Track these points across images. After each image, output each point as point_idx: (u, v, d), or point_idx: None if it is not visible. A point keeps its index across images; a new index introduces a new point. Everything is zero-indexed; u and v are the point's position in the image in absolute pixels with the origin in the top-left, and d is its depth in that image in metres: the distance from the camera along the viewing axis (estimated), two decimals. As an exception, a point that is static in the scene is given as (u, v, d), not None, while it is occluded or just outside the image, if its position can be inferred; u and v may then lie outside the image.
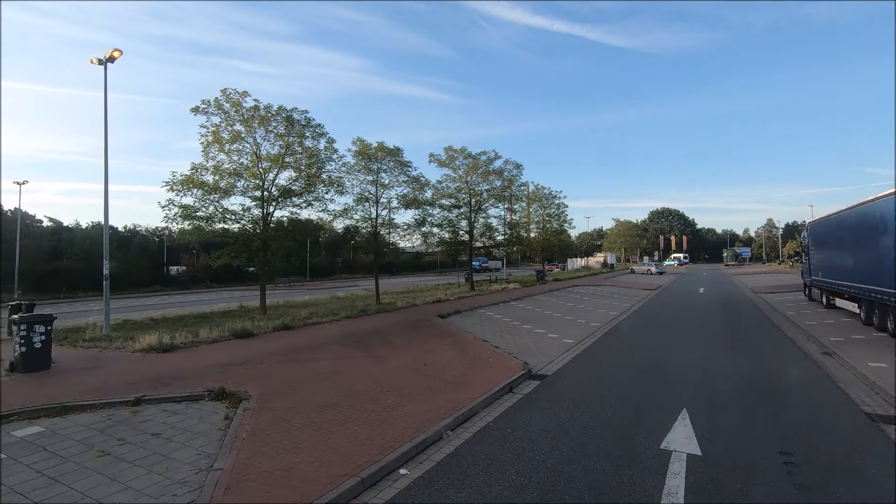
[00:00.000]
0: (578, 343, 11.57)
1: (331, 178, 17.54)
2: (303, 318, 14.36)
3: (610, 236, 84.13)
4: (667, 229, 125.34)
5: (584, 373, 8.68)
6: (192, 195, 15.21)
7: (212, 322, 15.22)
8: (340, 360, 9.14)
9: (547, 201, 41.14)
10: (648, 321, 15.77)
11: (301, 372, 8.25)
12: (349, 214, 19.56)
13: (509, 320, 15.39)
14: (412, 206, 22.27)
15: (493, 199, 27.46)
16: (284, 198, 16.91)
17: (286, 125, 16.77)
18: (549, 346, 11.23)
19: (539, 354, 10.24)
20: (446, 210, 27.17)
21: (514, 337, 12.38)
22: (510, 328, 13.80)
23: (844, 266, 15.31)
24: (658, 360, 9.58)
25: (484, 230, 27.57)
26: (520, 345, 11.30)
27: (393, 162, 20.19)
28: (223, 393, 6.84)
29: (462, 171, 26.76)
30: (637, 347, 11.07)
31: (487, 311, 17.59)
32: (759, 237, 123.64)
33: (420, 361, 9.15)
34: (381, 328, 13.12)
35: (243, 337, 11.46)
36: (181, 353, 9.86)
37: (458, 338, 11.79)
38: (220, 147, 15.56)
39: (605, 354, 10.29)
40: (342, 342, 11.01)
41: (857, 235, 13.94)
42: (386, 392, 7.06)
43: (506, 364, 8.99)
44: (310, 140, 17.64)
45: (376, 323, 14.15)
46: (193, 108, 15.74)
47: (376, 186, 19.83)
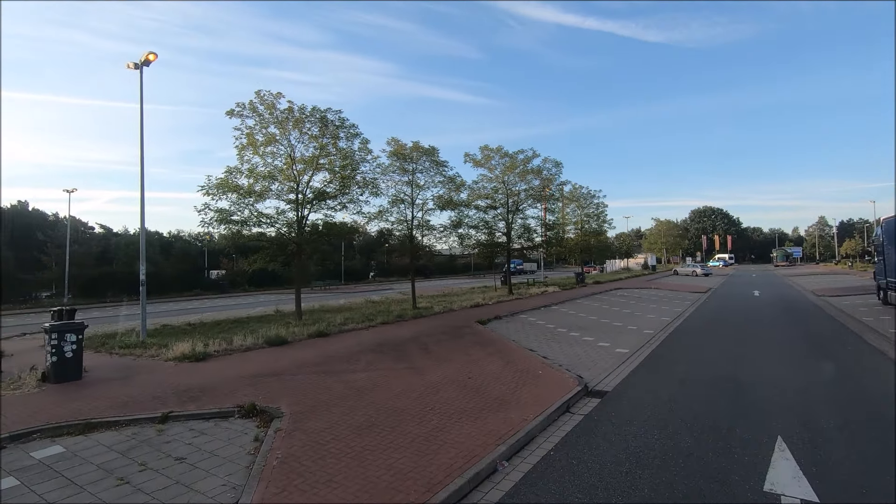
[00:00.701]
0: (634, 353, 10.58)
1: (365, 180, 17.10)
2: (338, 323, 13.89)
3: (650, 237, 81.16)
4: (709, 229, 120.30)
5: (649, 389, 7.73)
6: (227, 199, 15.06)
7: (247, 327, 14.99)
8: (378, 372, 8.52)
9: (585, 201, 39.78)
10: (707, 328, 14.52)
11: (337, 385, 7.66)
12: (384, 217, 19.10)
13: (553, 327, 14.46)
14: (448, 207, 21.61)
15: (530, 199, 26.49)
16: (319, 200, 16.56)
17: (320, 126, 16.43)
18: (602, 356, 10.29)
19: (592, 367, 9.34)
20: (482, 211, 26.43)
21: (561, 346, 11.49)
22: (556, 336, 12.89)
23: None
24: (731, 375, 8.51)
25: (522, 231, 26.63)
26: (569, 355, 10.41)
27: (429, 162, 19.61)
28: (254, 410, 6.31)
29: (499, 171, 25.95)
30: (702, 359, 9.97)
31: (529, 317, 16.69)
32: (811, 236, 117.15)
33: (464, 374, 8.42)
34: (419, 335, 12.47)
35: (277, 345, 11.03)
36: (213, 362, 9.48)
37: (502, 346, 10.99)
38: (254, 150, 15.34)
39: (668, 367, 9.28)
40: (379, 351, 10.40)
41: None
42: (429, 411, 6.36)
43: (558, 378, 8.14)
44: (344, 141, 17.27)
45: (414, 329, 13.52)
46: (228, 112, 15.59)
47: (412, 187, 19.29)
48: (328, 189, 16.55)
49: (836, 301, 22.02)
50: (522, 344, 11.54)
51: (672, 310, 19.17)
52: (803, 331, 13.73)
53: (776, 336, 12.79)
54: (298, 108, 15.96)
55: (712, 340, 12.23)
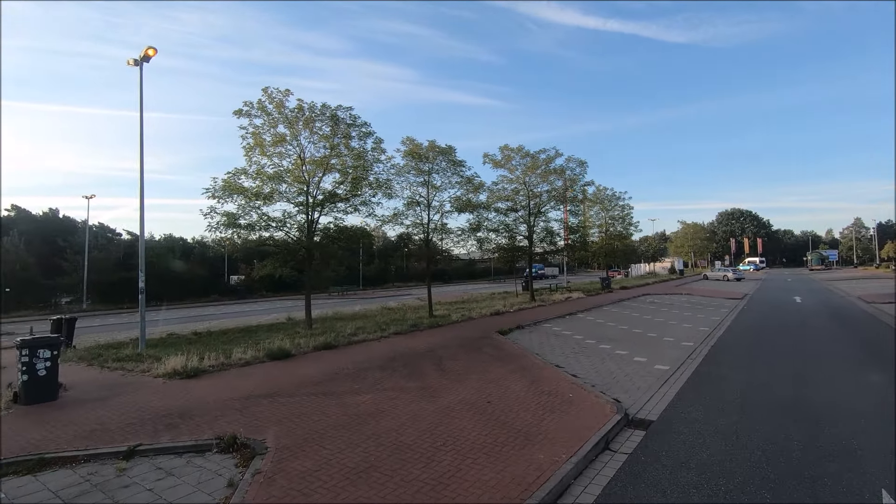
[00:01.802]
0: (676, 371, 9.34)
1: (378, 181, 16.19)
2: (348, 334, 12.96)
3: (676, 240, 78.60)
4: (738, 231, 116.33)
5: (702, 418, 6.53)
6: (233, 202, 14.34)
7: (255, 336, 14.23)
8: (385, 394, 7.51)
9: (610, 203, 38.27)
10: (753, 341, 13.11)
11: (336, 411, 6.68)
12: (399, 220, 18.16)
13: (581, 338, 13.26)
14: (467, 209, 20.51)
15: (553, 200, 25.24)
16: (330, 203, 15.73)
17: (331, 125, 15.63)
18: (639, 373, 9.08)
19: (630, 387, 8.16)
20: (503, 214, 25.29)
21: (591, 360, 10.30)
22: (584, 348, 11.70)
23: None
24: (798, 401, 7.23)
25: (545, 235, 25.38)
26: (602, 372, 9.24)
27: (445, 162, 18.61)
28: (234, 443, 5.37)
29: (519, 172, 24.79)
30: (758, 380, 8.67)
31: (553, 327, 15.49)
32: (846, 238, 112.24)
33: (482, 396, 7.35)
34: (434, 348, 11.44)
35: (279, 358, 10.14)
36: (206, 379, 8.62)
37: (525, 362, 9.87)
38: (261, 150, 14.59)
39: (719, 389, 8.03)
40: (389, 367, 9.40)
41: None
42: (441, 447, 5.32)
43: (591, 402, 7.01)
44: (356, 140, 16.43)
45: (429, 341, 12.49)
46: (236, 112, 14.89)
47: (427, 189, 18.31)
48: (338, 191, 15.70)
49: (889, 308, 20.17)
50: (548, 359, 10.39)
51: (709, 318, 17.71)
52: (864, 342, 12.22)
53: (836, 350, 11.35)
54: (308, 107, 15.18)
55: (763, 356, 10.87)
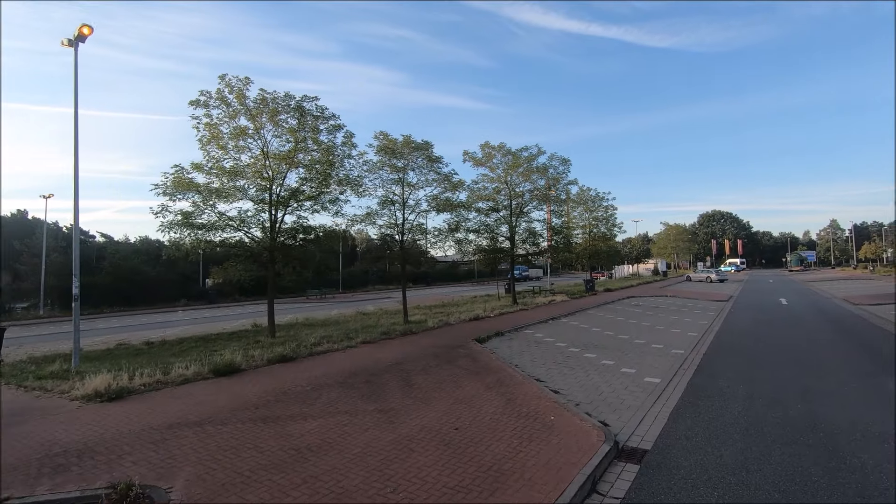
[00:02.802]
0: (668, 384, 8.43)
1: (348, 178, 15.05)
2: (310, 344, 11.81)
3: (659, 241, 78.66)
4: (719, 233, 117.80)
5: (703, 445, 5.59)
6: (188, 199, 13.10)
7: (212, 346, 13.04)
8: (337, 419, 6.43)
9: (593, 204, 37.72)
10: (746, 347, 12.33)
11: (273, 443, 5.58)
12: (372, 219, 17.04)
13: (564, 345, 12.33)
14: (446, 209, 19.46)
15: (536, 200, 24.38)
16: (296, 201, 14.56)
17: (298, 117, 14.48)
18: (628, 388, 8.15)
19: (618, 405, 7.22)
20: (484, 214, 24.35)
21: (575, 372, 9.35)
22: (568, 358, 10.76)
23: None
24: (809, 420, 6.34)
25: (527, 236, 24.50)
26: (586, 387, 8.28)
27: (422, 158, 17.57)
28: (128, 494, 4.24)
29: (501, 171, 23.89)
30: (760, 394, 7.79)
31: (535, 333, 14.55)
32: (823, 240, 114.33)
33: (450, 421, 6.32)
34: (404, 359, 10.37)
35: (226, 374, 8.96)
36: (132, 402, 7.42)
37: (503, 375, 8.87)
38: (218, 144, 13.36)
39: (718, 407, 7.12)
40: (349, 384, 8.31)
41: None
42: (390, 496, 4.27)
43: (576, 427, 6.03)
44: (325, 134, 15.32)
45: (399, 351, 11.42)
46: (192, 102, 13.65)
47: (402, 187, 17.24)
48: (305, 188, 14.53)
49: (876, 310, 19.74)
50: (527, 370, 9.42)
51: (697, 322, 16.97)
52: (863, 348, 11.50)
53: (836, 358, 10.59)
54: (272, 97, 14.01)
55: (760, 365, 10.04)
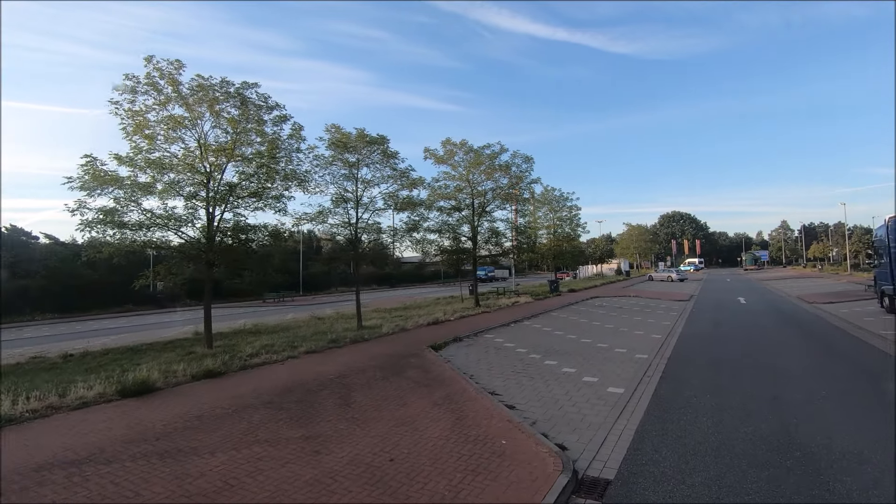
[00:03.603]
0: (632, 395, 7.79)
1: (294, 173, 13.90)
2: (246, 355, 10.67)
3: (622, 241, 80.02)
4: (678, 234, 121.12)
5: (672, 469, 4.89)
6: (109, 195, 11.69)
7: (138, 359, 11.66)
8: (252, 451, 5.43)
9: (558, 204, 37.52)
10: (710, 351, 11.93)
11: (163, 488, 4.54)
12: (323, 218, 15.91)
13: (525, 351, 11.62)
14: (406, 207, 18.53)
15: (499, 199, 23.74)
16: (237, 197, 13.34)
17: (239, 106, 13.27)
18: (590, 400, 7.46)
19: (579, 422, 6.49)
20: (446, 213, 23.55)
21: (534, 383, 8.62)
22: (527, 366, 10.03)
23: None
24: (783, 435, 5.76)
25: (489, 236, 23.83)
26: (545, 400, 7.54)
27: (378, 154, 16.58)
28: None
29: (463, 168, 23.13)
30: (730, 405, 7.22)
31: (496, 337, 13.81)
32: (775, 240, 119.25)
33: (386, 449, 5.43)
34: (349, 371, 9.39)
35: (137, 394, 7.77)
36: (5, 434, 6.17)
37: (454, 389, 8.03)
38: (143, 134, 11.98)
39: (686, 419, 6.49)
40: (277, 405, 7.29)
41: None
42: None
43: (530, 454, 5.25)
44: (270, 126, 14.16)
45: (345, 361, 10.42)
46: (117, 87, 12.23)
47: (356, 183, 16.20)
48: (248, 183, 13.30)
49: (832, 309, 20.02)
50: (483, 382, 8.62)
51: (660, 323, 16.64)
52: (828, 352, 11.27)
53: (803, 363, 10.25)
54: (208, 84, 12.74)
55: (725, 370, 9.57)
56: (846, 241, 66.29)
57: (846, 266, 60.54)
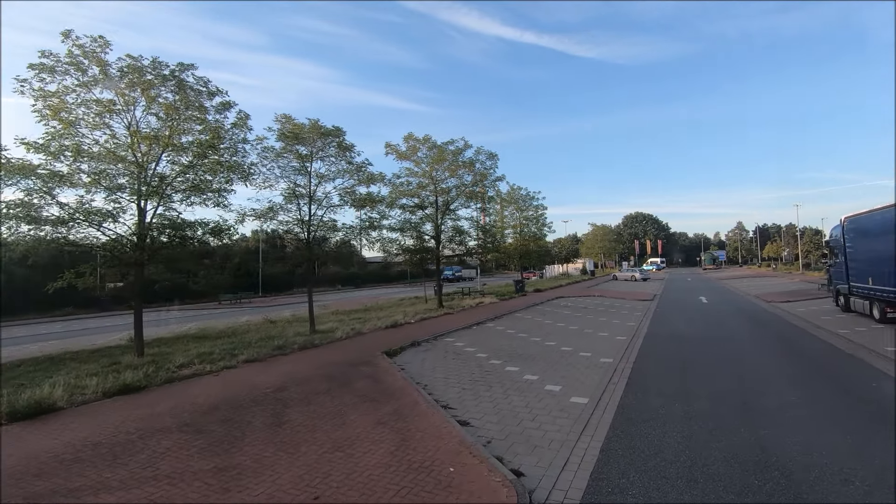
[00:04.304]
0: (597, 404, 7.20)
1: (237, 164, 12.76)
2: (176, 366, 9.56)
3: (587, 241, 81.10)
4: (641, 234, 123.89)
5: (642, 498, 4.27)
6: (21, 186, 10.33)
7: (56, 370, 10.32)
8: (146, 490, 4.49)
9: (524, 203, 37.23)
10: (676, 353, 11.57)
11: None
12: (272, 214, 14.78)
13: (485, 356, 10.94)
14: (366, 204, 17.51)
15: (463, 196, 23.06)
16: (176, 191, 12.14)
17: (177, 91, 12.08)
18: (552, 413, 6.81)
19: (539, 439, 5.82)
20: (409, 211, 22.71)
21: (492, 393, 7.92)
22: (487, 373, 9.34)
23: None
24: (758, 450, 5.24)
25: (453, 234, 23.13)
26: (503, 413, 6.85)
27: (333, 147, 15.58)
28: None
29: (426, 165, 22.33)
30: (697, 412, 6.71)
31: (456, 341, 13.09)
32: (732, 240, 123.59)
33: (313, 483, 4.59)
34: (290, 383, 8.46)
35: (28, 417, 6.64)
36: None
37: (404, 403, 7.24)
38: (59, 119, 10.65)
39: (656, 434, 5.90)
40: (196, 427, 6.32)
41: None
42: None
43: (481, 483, 4.52)
44: (213, 114, 13.02)
45: (288, 371, 9.47)
46: (32, 65, 10.84)
47: (309, 177, 15.16)
48: (184, 177, 12.11)
49: (789, 308, 20.31)
50: (437, 393, 7.87)
51: (625, 324, 16.32)
52: (792, 353, 11.06)
53: (769, 366, 9.95)
54: (139, 65, 11.50)
55: (691, 374, 9.14)
56: (798, 242, 69.08)
57: (798, 265, 63.00)
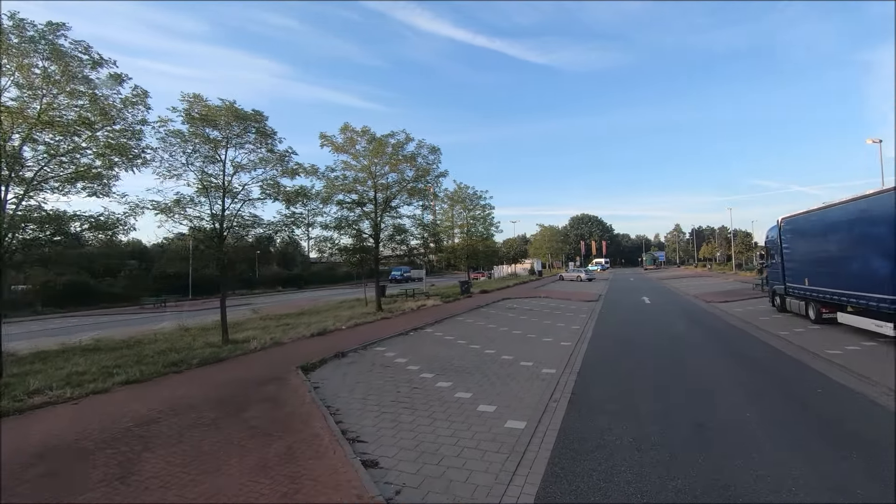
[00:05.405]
0: (536, 428, 6.14)
1: (121, 146, 10.79)
2: (26, 391, 7.68)
3: (535, 242, 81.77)
4: (587, 235, 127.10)
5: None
6: None
7: None
8: None
9: (471, 202, 36.41)
10: (621, 359, 10.82)
11: None
12: (181, 208, 12.83)
13: (417, 369, 9.71)
14: (296, 199, 15.70)
15: (405, 193, 21.73)
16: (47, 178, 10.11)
17: (53, 58, 10.06)
18: (481, 443, 5.67)
19: (461, 483, 4.66)
20: (347, 208, 21.12)
21: (416, 417, 6.70)
22: (414, 390, 8.12)
23: (867, 272, 11.41)
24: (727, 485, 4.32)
25: (394, 233, 21.76)
26: (423, 447, 5.64)
27: (253, 134, 13.82)
28: None
29: (365, 159, 20.82)
30: (645, 435, 5.78)
31: (387, 351, 11.79)
32: (670, 242, 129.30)
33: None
34: (165, 413, 6.86)
35: None
36: None
37: (303, 436, 5.87)
38: None
39: (603, 470, 4.88)
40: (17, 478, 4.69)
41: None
42: None
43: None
44: (105, 88, 11.05)
45: (171, 396, 7.83)
46: None
47: (223, 166, 13.36)
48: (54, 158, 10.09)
49: (728, 308, 20.45)
50: (349, 420, 6.55)
51: (569, 327, 15.61)
52: (740, 359, 10.55)
53: (713, 371, 9.32)
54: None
55: (640, 386, 8.31)
56: (731, 244, 72.73)
57: (731, 266, 66.19)
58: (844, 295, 12.51)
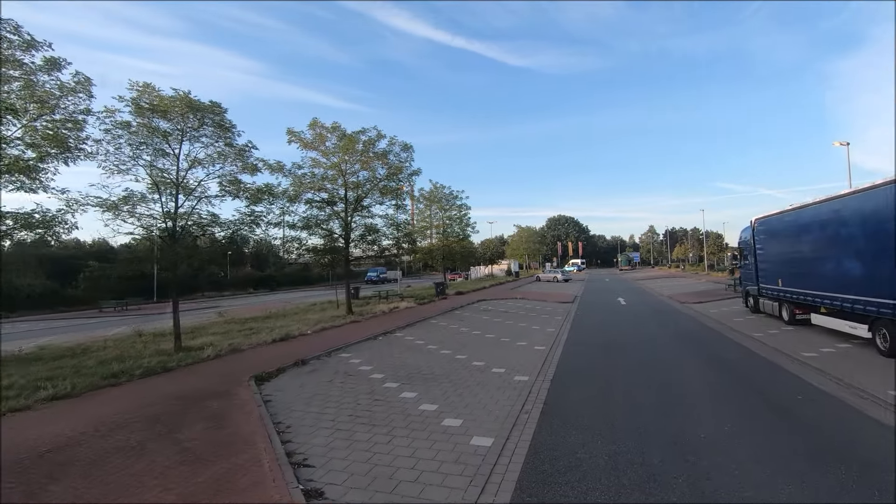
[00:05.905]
0: (504, 445, 5.60)
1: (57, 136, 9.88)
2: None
3: (512, 243, 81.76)
4: (563, 236, 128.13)
5: None
6: None
7: None
8: None
9: (447, 202, 35.83)
10: (596, 365, 10.41)
11: None
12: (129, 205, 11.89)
13: (381, 377, 9.09)
14: (262, 197, 14.82)
15: (377, 192, 21.03)
16: None
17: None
18: (443, 466, 5.10)
19: (417, 520, 4.07)
20: (317, 207, 20.32)
21: (373, 434, 6.09)
22: (375, 402, 7.50)
23: (840, 273, 11.29)
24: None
25: (365, 233, 21.03)
26: (377, 470, 5.03)
27: (210, 127, 12.96)
28: None
29: (335, 156, 20.05)
30: (627, 455, 5.30)
31: (352, 357, 11.12)
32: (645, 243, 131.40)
33: None
34: (88, 435, 6.08)
35: None
36: None
37: (242, 460, 5.20)
38: None
39: (578, 492, 4.37)
40: None
41: (877, 231, 9.77)
42: None
43: None
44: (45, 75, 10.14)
45: (99, 413, 7.03)
46: None
47: (177, 161, 12.47)
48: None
49: (702, 309, 20.41)
50: (298, 439, 5.90)
51: (544, 330, 15.20)
52: (716, 363, 10.25)
53: (694, 379, 8.96)
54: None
55: (616, 394, 7.87)
56: (703, 245, 74.06)
57: (704, 266, 67.33)
58: (818, 296, 12.40)
